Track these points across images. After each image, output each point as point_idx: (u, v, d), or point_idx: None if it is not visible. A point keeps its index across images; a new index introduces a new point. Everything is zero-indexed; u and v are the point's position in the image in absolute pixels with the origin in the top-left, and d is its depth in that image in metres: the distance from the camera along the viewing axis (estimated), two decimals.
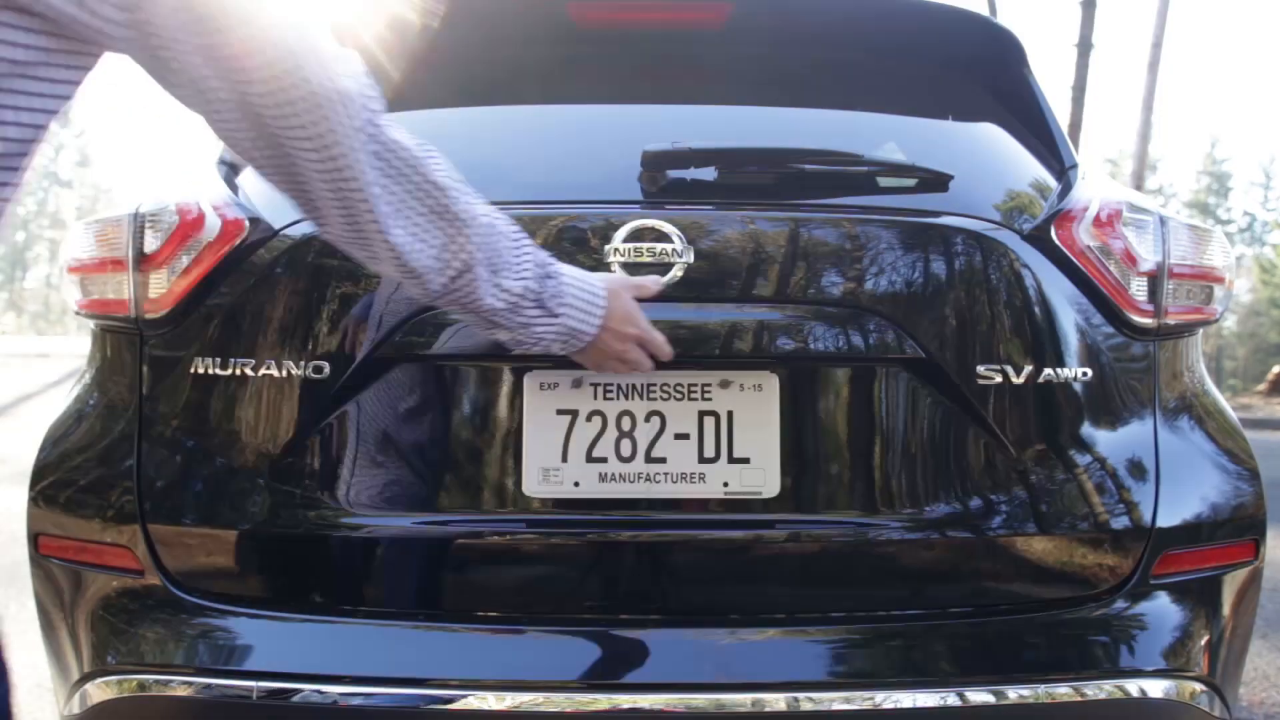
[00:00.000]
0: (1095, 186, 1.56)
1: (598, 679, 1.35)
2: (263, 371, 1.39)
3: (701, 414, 1.39)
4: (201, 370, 1.40)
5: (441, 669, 1.34)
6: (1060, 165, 1.64)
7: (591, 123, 1.68)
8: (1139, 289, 1.47)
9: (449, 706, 1.30)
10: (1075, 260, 1.45)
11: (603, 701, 1.30)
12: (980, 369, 1.40)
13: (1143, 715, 1.39)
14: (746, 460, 1.38)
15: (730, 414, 1.39)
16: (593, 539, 1.39)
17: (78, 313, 1.52)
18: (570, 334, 1.22)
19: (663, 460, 1.38)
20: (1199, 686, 1.41)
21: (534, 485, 1.37)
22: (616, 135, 1.61)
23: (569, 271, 1.23)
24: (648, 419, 1.39)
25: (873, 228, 1.42)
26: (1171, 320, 1.49)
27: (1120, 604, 1.42)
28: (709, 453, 1.38)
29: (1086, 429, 1.44)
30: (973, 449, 1.41)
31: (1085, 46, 11.44)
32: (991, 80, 1.77)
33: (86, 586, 1.44)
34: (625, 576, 1.40)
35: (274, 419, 1.39)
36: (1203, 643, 1.44)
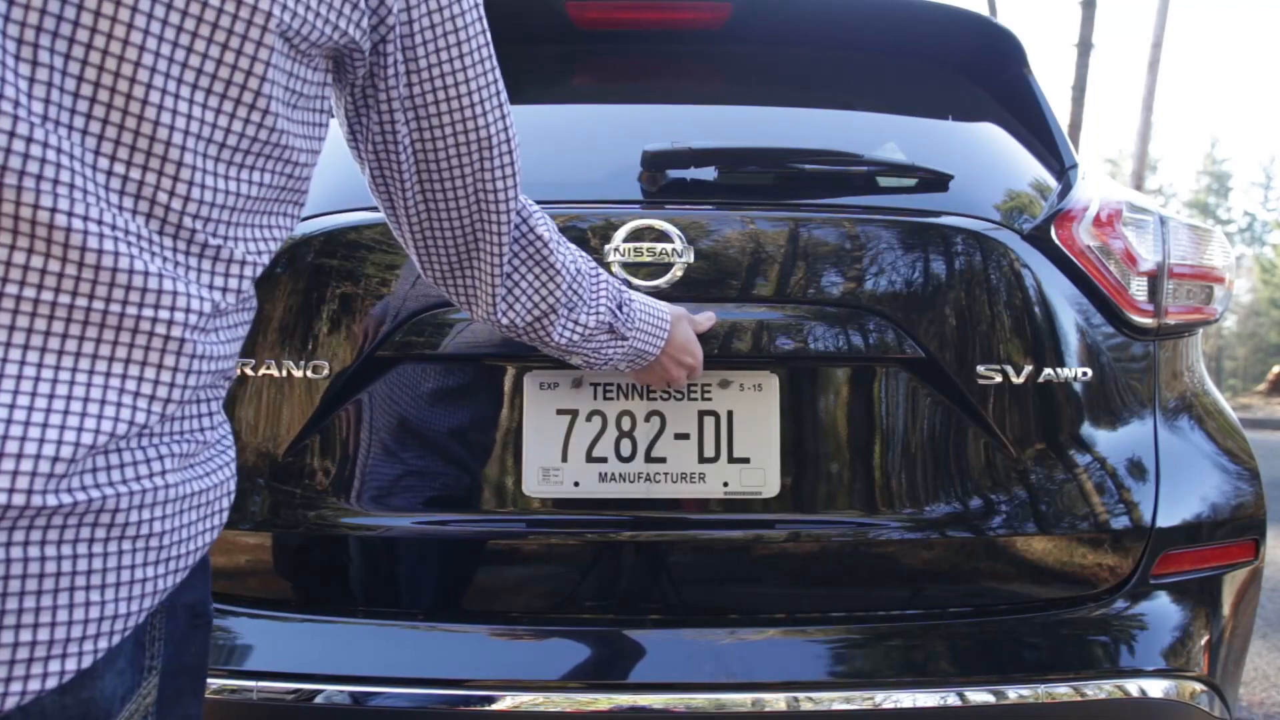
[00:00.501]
0: (1095, 186, 1.56)
1: (598, 679, 1.35)
2: (263, 371, 1.39)
3: (701, 414, 1.39)
4: None
5: (439, 669, 1.33)
6: (1060, 165, 1.64)
7: (591, 123, 1.68)
8: (1139, 289, 1.47)
9: (447, 707, 1.30)
10: (1075, 260, 1.45)
11: (603, 701, 1.30)
12: (980, 369, 1.40)
13: (1143, 715, 1.39)
14: (746, 460, 1.38)
15: (730, 414, 1.39)
16: (593, 539, 1.39)
17: None
18: (638, 355, 1.26)
19: (663, 460, 1.38)
20: (1199, 686, 1.41)
21: (534, 485, 1.37)
22: (616, 135, 1.61)
23: (638, 298, 1.27)
24: (648, 419, 1.39)
25: (873, 228, 1.42)
26: (1171, 320, 1.49)
27: (1120, 604, 1.42)
28: (709, 452, 1.38)
29: (1086, 429, 1.44)
30: (973, 449, 1.41)
31: (1085, 46, 11.43)
32: (991, 80, 1.77)
33: None
34: (625, 576, 1.40)
35: (274, 419, 1.39)
36: (1202, 643, 1.44)
